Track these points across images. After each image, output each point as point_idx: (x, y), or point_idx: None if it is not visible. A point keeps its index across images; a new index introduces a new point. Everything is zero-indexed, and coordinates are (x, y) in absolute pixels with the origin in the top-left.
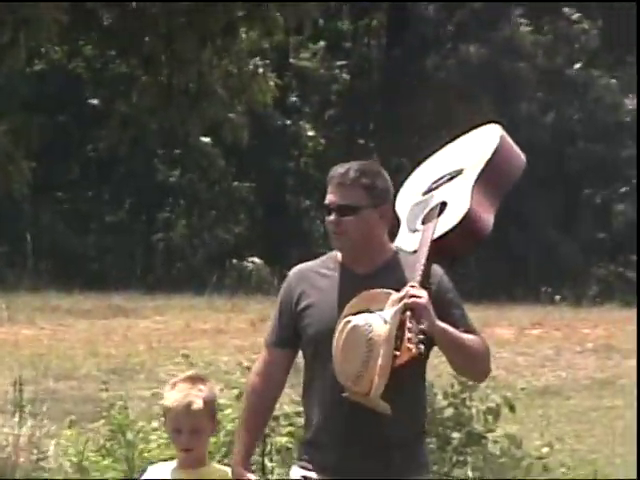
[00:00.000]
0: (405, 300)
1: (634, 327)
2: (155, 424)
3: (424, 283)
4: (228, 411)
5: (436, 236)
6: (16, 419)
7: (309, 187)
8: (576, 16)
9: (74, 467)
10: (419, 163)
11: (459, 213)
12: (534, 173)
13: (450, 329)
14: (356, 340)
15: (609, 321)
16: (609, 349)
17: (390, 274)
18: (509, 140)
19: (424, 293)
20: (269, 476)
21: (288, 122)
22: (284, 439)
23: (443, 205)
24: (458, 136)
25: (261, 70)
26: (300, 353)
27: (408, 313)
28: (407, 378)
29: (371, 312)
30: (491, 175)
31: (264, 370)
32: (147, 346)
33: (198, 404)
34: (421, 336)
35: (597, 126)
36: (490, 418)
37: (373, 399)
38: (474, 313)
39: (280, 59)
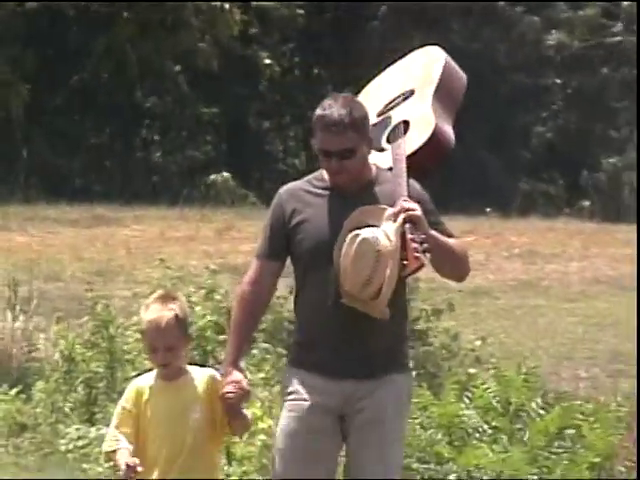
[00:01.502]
0: (403, 214)
1: (555, 235)
2: (134, 319)
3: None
4: (198, 308)
5: (408, 153)
6: (10, 315)
7: (268, 111)
8: None
9: (63, 357)
10: (363, 87)
11: (426, 130)
12: (466, 98)
13: (440, 236)
14: (365, 251)
15: (533, 230)
16: (533, 255)
17: (374, 191)
18: (450, 59)
19: (417, 206)
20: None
21: (249, 52)
22: None
23: (405, 124)
24: (398, 59)
25: (227, 6)
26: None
27: (407, 225)
28: (396, 290)
29: (370, 226)
30: (443, 91)
31: (255, 278)
32: (126, 251)
33: (170, 323)
34: (425, 245)
35: (521, 58)
36: (432, 317)
37: (380, 304)
38: None
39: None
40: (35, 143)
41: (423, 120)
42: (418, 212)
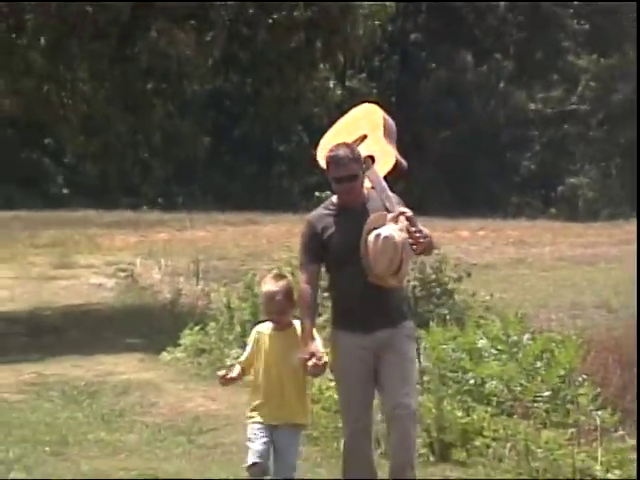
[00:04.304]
0: (402, 216)
1: (535, 230)
2: None
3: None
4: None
5: (383, 174)
6: (195, 281)
7: None
8: (498, 56)
9: (226, 307)
10: (323, 133)
11: (391, 159)
12: (480, 144)
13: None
14: (387, 244)
15: (521, 228)
16: (522, 243)
17: (369, 205)
18: (381, 109)
19: (407, 209)
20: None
21: None
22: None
23: (370, 157)
24: (342, 115)
25: (332, 85)
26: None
27: (406, 222)
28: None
29: (380, 227)
30: (386, 132)
31: (309, 280)
32: (267, 241)
33: (279, 296)
34: (424, 232)
35: (513, 118)
36: (455, 281)
37: (401, 276)
38: (447, 222)
39: (341, 82)
40: (210, 173)
41: (386, 153)
42: (410, 212)
